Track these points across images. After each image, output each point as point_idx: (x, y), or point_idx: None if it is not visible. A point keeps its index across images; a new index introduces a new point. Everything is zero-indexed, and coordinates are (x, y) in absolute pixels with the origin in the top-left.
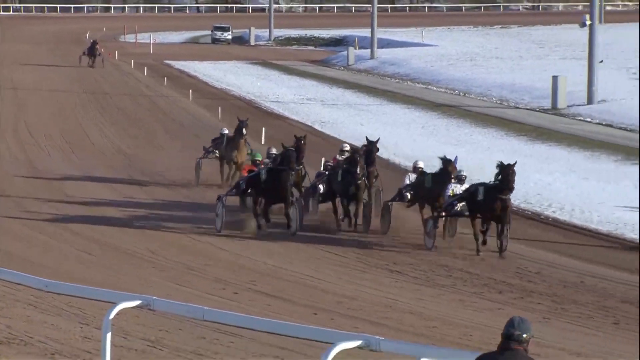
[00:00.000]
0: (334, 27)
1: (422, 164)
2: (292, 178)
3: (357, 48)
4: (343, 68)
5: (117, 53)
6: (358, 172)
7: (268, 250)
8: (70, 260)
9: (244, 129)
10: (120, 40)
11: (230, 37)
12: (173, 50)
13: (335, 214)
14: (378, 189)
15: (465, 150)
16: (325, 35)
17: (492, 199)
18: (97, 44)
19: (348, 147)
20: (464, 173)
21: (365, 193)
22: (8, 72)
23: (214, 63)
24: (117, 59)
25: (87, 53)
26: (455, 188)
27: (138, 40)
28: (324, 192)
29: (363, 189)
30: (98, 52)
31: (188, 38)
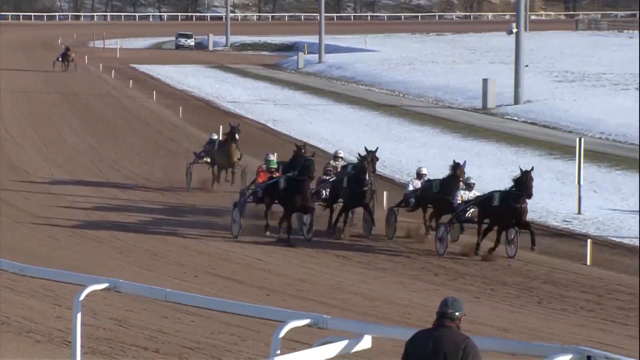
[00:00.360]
0: (285, 34)
1: (425, 170)
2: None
3: (306, 53)
4: (293, 71)
5: (86, 57)
6: (367, 179)
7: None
8: (44, 245)
9: (237, 134)
10: (90, 46)
11: (193, 43)
12: (138, 55)
13: (330, 219)
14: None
15: (405, 146)
16: (277, 42)
17: (508, 206)
18: (69, 50)
19: (342, 153)
20: (472, 180)
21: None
22: None
23: (176, 66)
24: (86, 63)
25: (60, 59)
26: (464, 194)
27: (106, 46)
28: (327, 197)
29: (370, 196)
30: (71, 57)
31: (152, 44)
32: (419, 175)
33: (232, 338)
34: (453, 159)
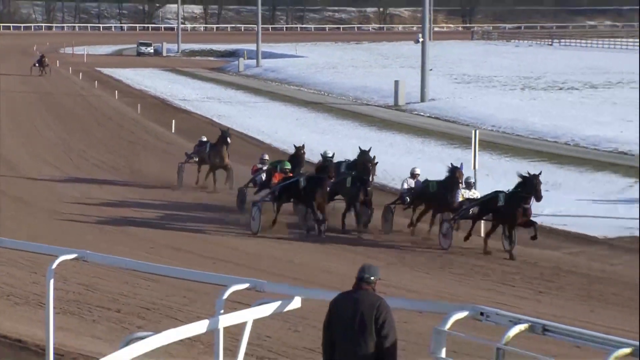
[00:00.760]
0: (228, 42)
1: (418, 170)
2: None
3: (245, 58)
4: (235, 74)
5: (58, 62)
6: (371, 179)
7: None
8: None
9: (228, 138)
10: (61, 52)
11: (152, 50)
12: (102, 60)
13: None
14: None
15: (329, 137)
16: (221, 49)
17: (516, 206)
18: (44, 57)
19: (331, 153)
20: (472, 179)
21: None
22: None
23: (134, 70)
24: (58, 67)
25: (37, 64)
26: (465, 193)
27: (74, 52)
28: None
29: (371, 193)
30: (46, 63)
31: (114, 50)
32: (413, 175)
33: (183, 300)
34: (451, 162)
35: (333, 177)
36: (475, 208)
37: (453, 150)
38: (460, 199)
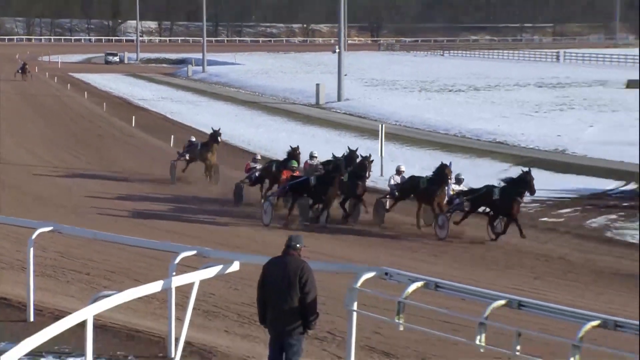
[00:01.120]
0: (178, 52)
1: (403, 168)
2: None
3: (193, 65)
4: (184, 78)
5: (37, 68)
6: (368, 176)
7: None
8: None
9: (219, 137)
10: (39, 60)
11: (118, 59)
12: (74, 67)
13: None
14: None
15: (262, 130)
16: (173, 57)
17: (511, 200)
18: (26, 64)
19: (317, 153)
20: (462, 176)
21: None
22: None
23: (101, 75)
24: (37, 72)
25: (20, 71)
26: (455, 187)
27: (51, 60)
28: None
29: (364, 189)
30: (27, 70)
31: (84, 59)
32: (398, 172)
33: (145, 265)
34: (441, 161)
35: (343, 175)
36: (466, 201)
37: (364, 141)
38: (452, 192)
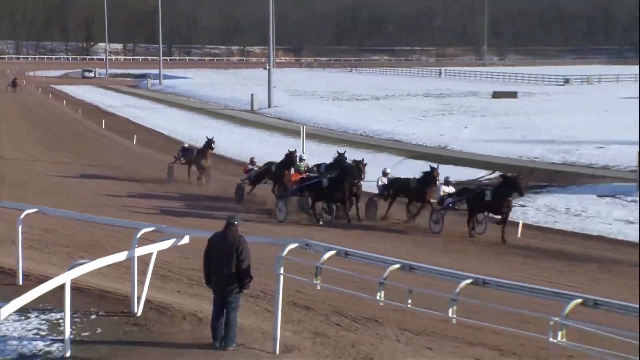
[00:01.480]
0: (140, 68)
1: (389, 170)
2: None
3: (152, 79)
4: (145, 89)
5: (24, 81)
6: (362, 178)
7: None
8: None
9: (213, 144)
10: (27, 74)
11: (93, 75)
12: (55, 80)
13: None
14: None
15: (208, 131)
16: (135, 72)
17: (502, 199)
18: (16, 79)
19: (305, 156)
20: (451, 178)
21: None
22: None
23: (77, 86)
24: (24, 84)
25: (11, 84)
26: (446, 189)
27: (36, 74)
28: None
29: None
30: (17, 83)
31: (63, 74)
32: (384, 174)
33: (114, 239)
34: (429, 164)
35: (356, 177)
36: (459, 201)
37: (288, 140)
38: (442, 193)
